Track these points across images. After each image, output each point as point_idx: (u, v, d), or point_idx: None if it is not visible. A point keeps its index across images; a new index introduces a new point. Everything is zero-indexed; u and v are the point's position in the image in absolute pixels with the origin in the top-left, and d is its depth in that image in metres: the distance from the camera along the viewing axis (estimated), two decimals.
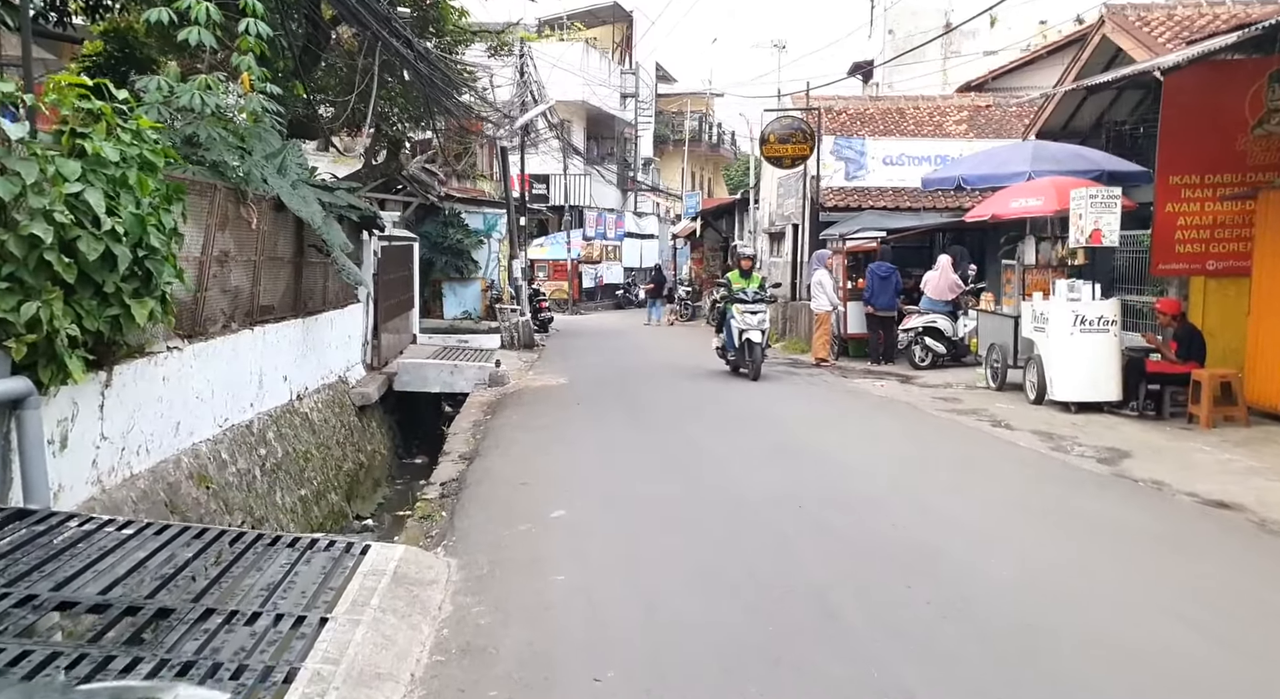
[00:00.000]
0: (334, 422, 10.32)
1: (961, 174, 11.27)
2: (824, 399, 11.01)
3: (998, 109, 19.45)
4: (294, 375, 9.24)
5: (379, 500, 10.85)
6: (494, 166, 25.12)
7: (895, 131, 18.28)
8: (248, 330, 7.84)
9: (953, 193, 16.63)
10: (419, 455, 13.11)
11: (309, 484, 8.74)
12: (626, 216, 37.79)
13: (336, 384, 11.00)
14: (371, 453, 11.37)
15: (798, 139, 16.27)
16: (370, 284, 13.25)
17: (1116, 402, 9.39)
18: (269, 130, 9.60)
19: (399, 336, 15.10)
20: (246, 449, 7.56)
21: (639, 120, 39.48)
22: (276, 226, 8.81)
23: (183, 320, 6.53)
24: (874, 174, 16.64)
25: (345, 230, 11.90)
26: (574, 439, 8.22)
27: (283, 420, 8.68)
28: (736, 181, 53.39)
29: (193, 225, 6.68)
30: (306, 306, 9.89)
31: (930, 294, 13.88)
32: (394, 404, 13.37)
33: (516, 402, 10.83)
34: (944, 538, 5.09)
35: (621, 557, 4.69)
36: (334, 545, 4.31)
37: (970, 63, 27.99)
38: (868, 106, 19.94)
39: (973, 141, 16.99)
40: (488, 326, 19.46)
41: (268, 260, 8.56)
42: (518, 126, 18.49)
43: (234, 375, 7.50)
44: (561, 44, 31.89)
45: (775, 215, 20.74)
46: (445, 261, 20.31)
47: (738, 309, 12.36)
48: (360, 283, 9.63)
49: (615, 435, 8.42)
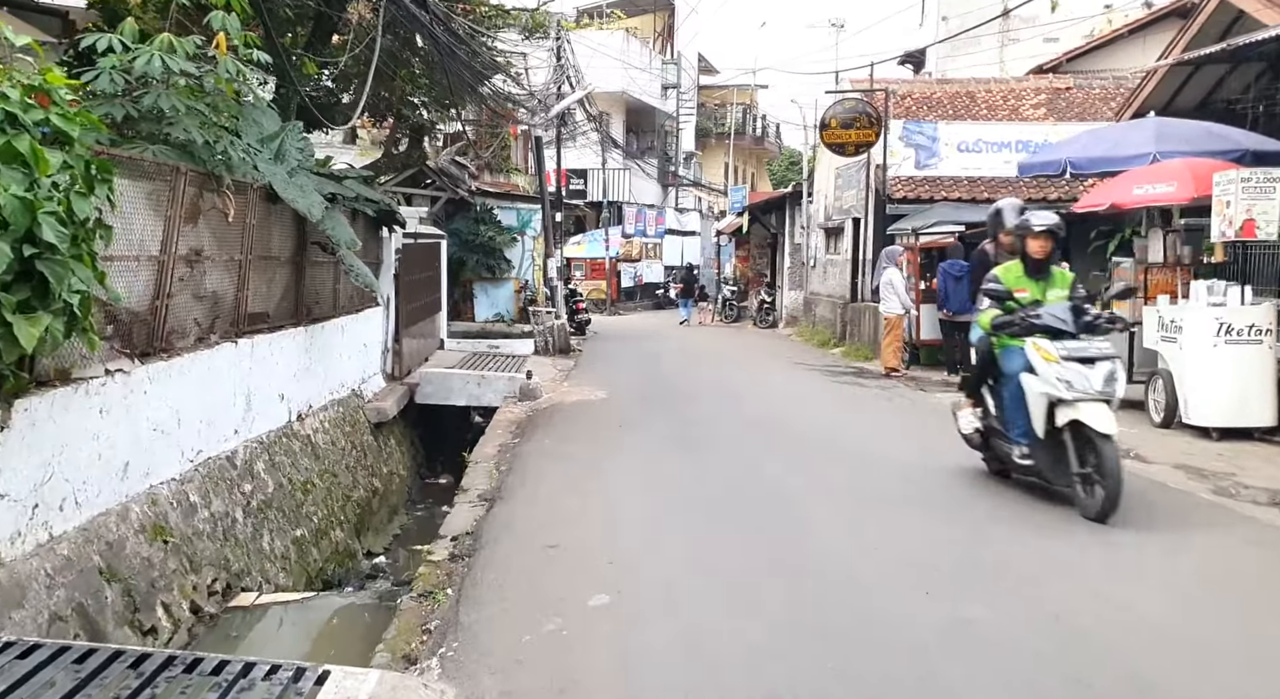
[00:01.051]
0: (343, 443, 9.06)
1: (1068, 157, 9.69)
2: (914, 422, 9.50)
3: (1079, 91, 17.72)
4: (293, 392, 7.98)
5: (395, 531, 9.58)
6: (528, 159, 23.86)
7: (965, 116, 16.65)
8: (230, 344, 6.58)
9: (1035, 182, 14.98)
10: (443, 475, 11.85)
11: (308, 521, 7.47)
12: (667, 213, 36.35)
13: (348, 399, 9.75)
14: (388, 476, 10.11)
15: (862, 124, 14.72)
16: (390, 286, 12.02)
17: (1270, 427, 7.78)
18: (265, 110, 8.37)
19: (424, 342, 13.86)
20: (226, 487, 6.30)
21: (680, 112, 38.00)
22: (270, 221, 7.56)
23: (134, 335, 5.27)
24: (947, 162, 15.04)
25: (361, 226, 10.66)
26: (617, 477, 6.73)
27: (277, 447, 7.42)
28: (779, 177, 51.71)
29: (149, 217, 5.43)
30: (311, 313, 8.64)
31: None
32: (416, 417, 12.12)
33: (549, 421, 9.47)
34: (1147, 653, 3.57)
35: (699, 686, 3.24)
36: (277, 673, 2.97)
37: (1030, 49, 26.24)
38: (934, 90, 18.31)
39: (1058, 125, 15.32)
40: (520, 330, 18.17)
41: (259, 260, 7.31)
42: (553, 114, 17.18)
43: (210, 398, 6.24)
44: (601, 33, 30.58)
45: (832, 209, 19.18)
46: (476, 260, 19.08)
47: (1044, 352, 5.63)
48: (371, 285, 8.36)
49: (669, 472, 6.89)
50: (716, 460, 7.20)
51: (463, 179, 17.99)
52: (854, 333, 16.61)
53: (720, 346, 18.18)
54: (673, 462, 7.21)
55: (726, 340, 18.83)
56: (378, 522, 9.26)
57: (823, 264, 20.38)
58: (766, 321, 23.57)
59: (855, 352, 15.97)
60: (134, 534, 5.01)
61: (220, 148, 5.87)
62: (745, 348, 18.57)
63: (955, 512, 5.72)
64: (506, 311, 19.87)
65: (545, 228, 17.67)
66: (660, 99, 35.96)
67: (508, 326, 19.24)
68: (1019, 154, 14.96)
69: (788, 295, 23.68)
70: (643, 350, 17.16)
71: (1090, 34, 26.16)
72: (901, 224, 14.26)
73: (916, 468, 6.94)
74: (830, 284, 19.20)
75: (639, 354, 16.52)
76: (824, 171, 20.24)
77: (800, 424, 8.92)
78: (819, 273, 20.45)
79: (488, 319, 19.73)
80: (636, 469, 6.92)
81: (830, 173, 19.31)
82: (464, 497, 6.45)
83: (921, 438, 8.17)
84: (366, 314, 10.82)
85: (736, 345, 18.94)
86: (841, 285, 18.56)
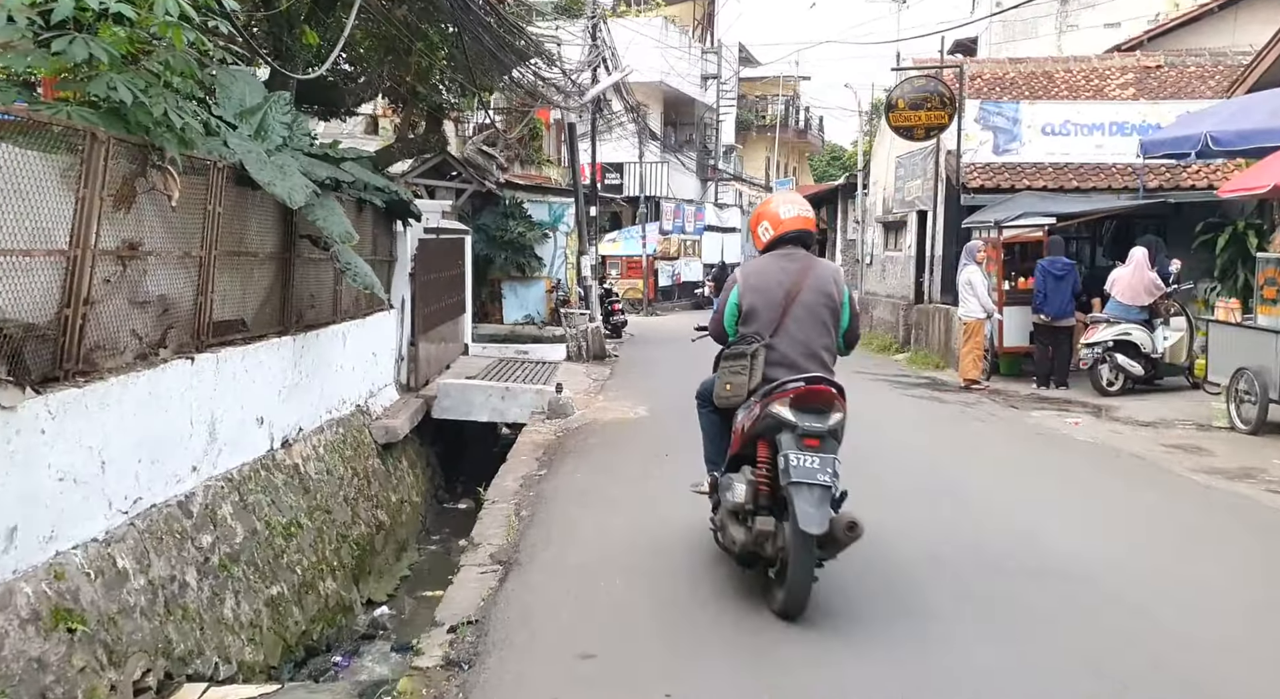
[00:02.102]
0: (342, 471, 7.76)
1: (1209, 131, 8.08)
2: (1020, 450, 7.94)
3: (1172, 69, 15.94)
4: (277, 415, 6.68)
5: (404, 572, 8.25)
6: (561, 151, 22.53)
7: (1045, 97, 14.97)
8: (184, 361, 5.27)
9: (1130, 169, 13.30)
10: (463, 498, 10.52)
11: (289, 574, 6.16)
12: (707, 208, 34.80)
13: (351, 418, 8.45)
14: (397, 505, 8.80)
15: (933, 104, 13.14)
16: (406, 286, 10.73)
17: None
18: (248, 79, 7.10)
19: (445, 348, 12.56)
20: (174, 542, 4.99)
21: (721, 104, 36.43)
22: (246, 209, 6.25)
23: (28, 356, 3.95)
24: (1030, 147, 13.39)
25: (369, 219, 9.36)
26: (670, 537, 5.26)
27: (252, 483, 6.11)
28: (820, 172, 49.88)
29: (56, 196, 4.12)
30: (303, 319, 7.34)
31: (1120, 297, 10.65)
32: (434, 432, 10.82)
33: (582, 446, 8.08)
34: None
35: None
36: None
37: (1089, 37, 24.46)
38: (1006, 70, 16.61)
39: (1157, 105, 13.60)
40: (552, 335, 16.82)
41: (229, 257, 6.00)
42: (588, 99, 15.80)
43: (155, 430, 4.93)
44: (639, 20, 29.16)
45: (892, 201, 17.58)
46: (504, 258, 17.75)
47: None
48: (372, 287, 7.03)
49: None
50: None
51: (490, 170, 16.67)
52: (921, 338, 15.04)
53: None
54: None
55: None
56: (382, 562, 7.94)
57: (880, 262, 18.79)
58: None
59: (923, 359, 14.39)
60: (19, 626, 3.70)
61: (159, 111, 4.53)
62: None
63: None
64: (537, 313, 18.54)
65: (579, 223, 16.31)
66: (700, 90, 34.44)
67: (538, 330, 17.90)
68: (1112, 137, 13.31)
69: None
70: (684, 356, 15.66)
71: (1156, 18, 24.33)
72: (980, 216, 12.67)
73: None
74: (890, 283, 17.62)
75: (680, 360, 15.01)
76: (881, 161, 18.64)
77: (888, 458, 7.19)
78: (876, 271, 18.87)
79: (517, 321, 18.42)
80: (695, 521, 5.49)
81: (889, 162, 17.72)
82: (473, 556, 5.07)
83: (1082, 492, 6.48)
84: (376, 319, 9.52)
85: None
86: (903, 285, 16.97)
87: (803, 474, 3.84)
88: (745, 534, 4.13)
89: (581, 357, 14.60)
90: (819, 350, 4.30)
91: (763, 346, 4.27)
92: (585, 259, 16.14)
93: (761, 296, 4.35)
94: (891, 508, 5.57)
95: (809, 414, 4.02)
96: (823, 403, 4.07)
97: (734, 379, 4.29)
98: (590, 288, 15.91)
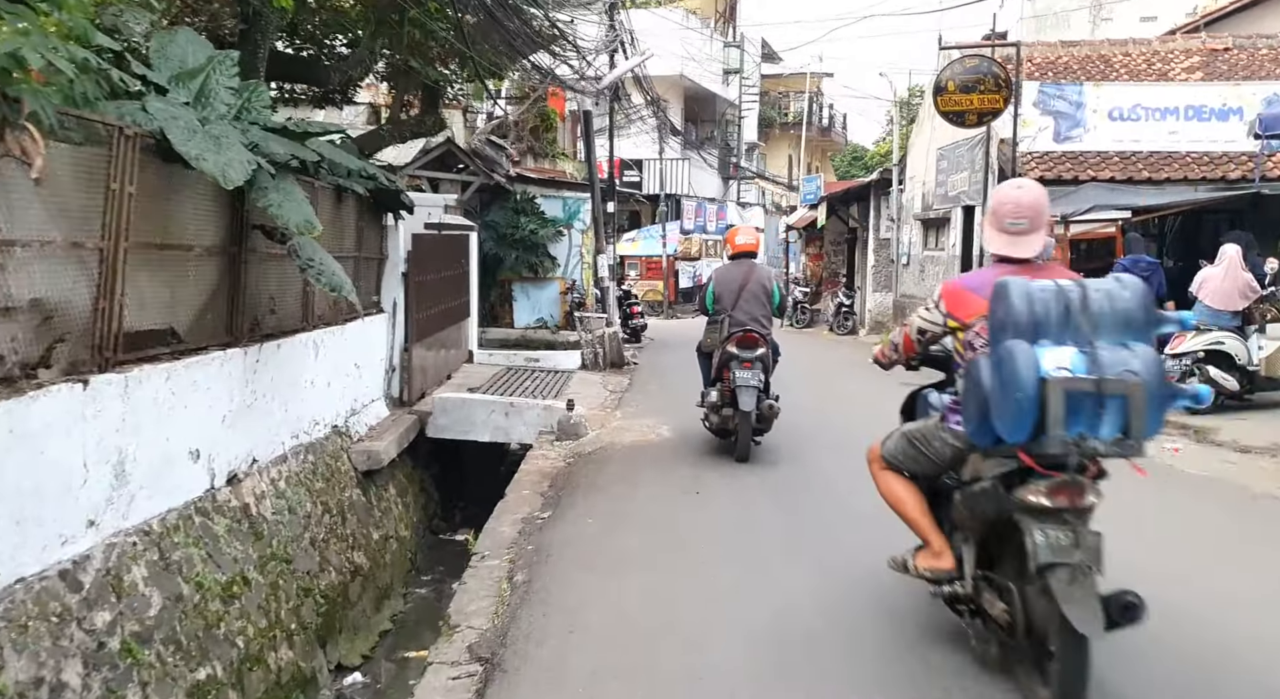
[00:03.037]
0: (309, 507, 6.52)
1: None
2: (1129, 491, 6.50)
3: (1242, 52, 14.50)
4: (220, 445, 5.45)
5: (384, 625, 6.99)
6: (576, 145, 21.28)
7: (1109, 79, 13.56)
8: (72, 385, 4.04)
9: (1210, 160, 11.89)
10: (462, 528, 9.28)
11: (227, 646, 4.91)
12: (729, 207, 33.50)
13: (325, 442, 7.22)
14: (380, 543, 7.55)
15: (987, 87, 11.76)
16: (398, 288, 9.51)
17: None
18: (192, 38, 5.88)
19: (445, 355, 11.33)
20: (49, 629, 3.75)
21: (743, 100, 35.09)
22: (174, 190, 5.03)
23: None
24: (1095, 133, 11.97)
25: (352, 211, 8.14)
26: (703, 610, 4.04)
27: (179, 534, 4.87)
28: (842, 171, 48.36)
29: None
30: (259, 327, 6.11)
31: (1210, 301, 9.25)
32: (429, 453, 9.58)
33: (595, 478, 6.78)
34: None
35: None
36: None
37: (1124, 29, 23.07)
38: (1059, 54, 15.21)
39: (1239, 87, 12.17)
40: (565, 340, 15.56)
41: (147, 249, 4.77)
42: (605, 84, 14.52)
43: (23, 478, 3.70)
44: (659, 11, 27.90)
45: (932, 197, 16.18)
46: (515, 257, 16.49)
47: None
48: (339, 288, 5.78)
49: (805, 628, 3.84)
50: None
51: (500, 162, 15.44)
52: None
53: (801, 358, 15.35)
54: (801, 585, 4.42)
55: (804, 350, 15.94)
56: (357, 616, 6.69)
57: (919, 262, 17.40)
58: (845, 327, 20.60)
59: None
60: None
61: (11, 46, 3.30)
62: (829, 360, 15.71)
63: None
64: (551, 316, 17.28)
65: (595, 219, 15.02)
66: (721, 85, 33.13)
67: (551, 334, 16.64)
68: (1187, 122, 11.91)
69: (871, 297, 20.70)
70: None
71: (1194, 10, 22.97)
72: None
73: None
74: (930, 286, 16.20)
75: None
76: (920, 153, 17.26)
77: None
78: (914, 272, 17.49)
79: (529, 325, 17.17)
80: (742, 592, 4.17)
81: (929, 154, 16.33)
82: (444, 648, 3.80)
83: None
84: (360, 325, 8.30)
85: (818, 357, 16.08)
86: None
87: (742, 381, 6.80)
88: (718, 418, 7.16)
89: (598, 364, 13.33)
90: (759, 316, 7.20)
91: (727, 316, 7.18)
92: (603, 258, 14.87)
93: (725, 287, 7.32)
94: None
95: (745, 348, 6.98)
96: (752, 343, 7.02)
97: (712, 334, 7.28)
98: (608, 289, 14.64)
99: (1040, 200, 3.43)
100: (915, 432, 3.67)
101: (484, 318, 16.22)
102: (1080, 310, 2.99)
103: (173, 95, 5.24)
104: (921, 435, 3.62)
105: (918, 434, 3.64)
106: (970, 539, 3.43)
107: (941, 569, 3.51)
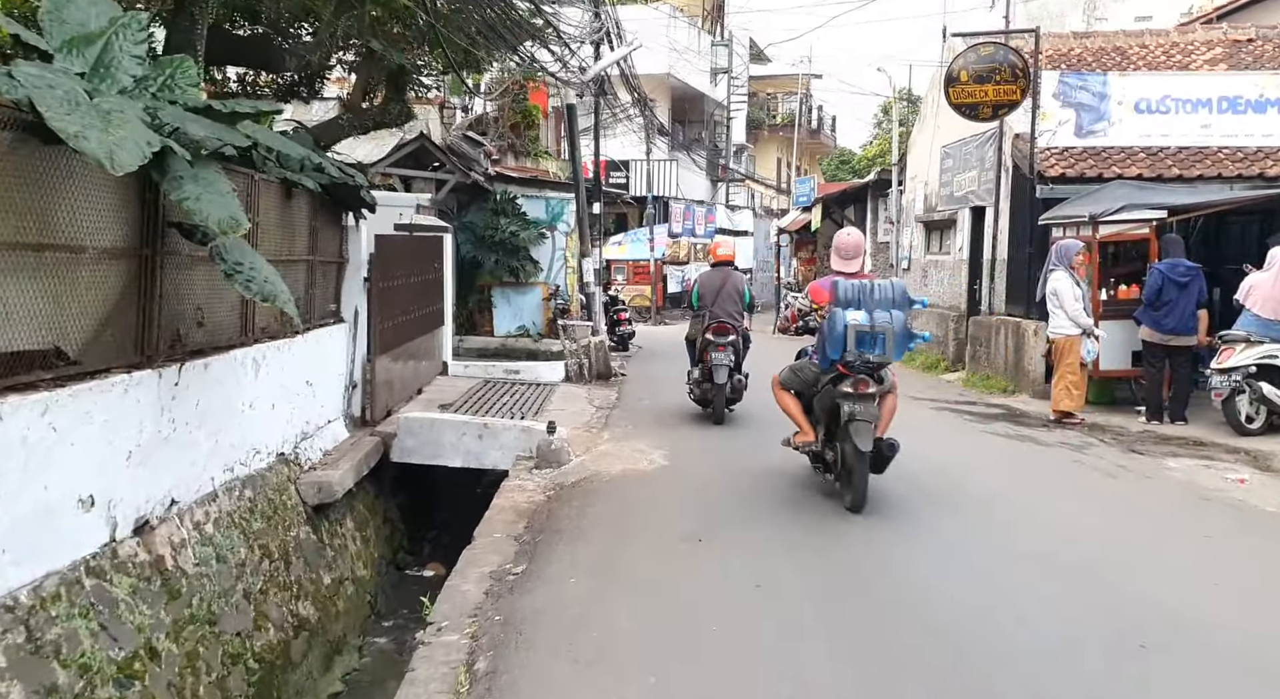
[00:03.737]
0: (243, 553, 5.56)
1: None
2: (1198, 535, 5.60)
3: (1266, 42, 13.77)
4: (125, 488, 4.49)
5: (336, 686, 6.01)
6: (560, 144, 20.35)
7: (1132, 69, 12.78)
8: None
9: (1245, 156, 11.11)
10: (431, 562, 8.32)
11: None
12: (718, 210, 32.63)
13: (267, 474, 6.26)
14: (332, 588, 6.59)
15: (1003, 77, 10.92)
16: (360, 295, 8.56)
17: None
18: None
19: (416, 368, 10.38)
20: None
21: (732, 100, 34.28)
22: (56, 177, 4.07)
23: None
24: (1120, 127, 11.14)
25: (304, 208, 7.18)
26: None
27: (60, 605, 3.91)
28: (830, 175, 47.65)
29: None
30: (181, 343, 5.16)
31: (1260, 310, 8.45)
32: (395, 479, 8.60)
33: (579, 520, 5.83)
34: None
35: None
36: None
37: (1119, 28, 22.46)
38: (1072, 45, 14.41)
39: (1276, 75, 11.39)
40: (548, 350, 14.64)
41: (20, 252, 3.82)
42: (591, 76, 13.61)
43: None
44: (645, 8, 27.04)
45: (936, 197, 15.35)
46: (495, 261, 15.53)
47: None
48: (273, 298, 4.84)
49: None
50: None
51: (478, 160, 14.50)
52: (980, 355, 12.79)
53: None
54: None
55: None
56: (301, 679, 5.72)
57: (921, 267, 16.58)
58: None
59: (984, 381, 12.16)
60: None
61: None
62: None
63: None
64: (533, 324, 16.34)
65: (580, 220, 14.10)
66: (709, 85, 32.30)
67: (534, 343, 15.71)
68: (1221, 115, 11.12)
69: None
70: None
71: (1189, 10, 22.40)
72: (1062, 211, 10.44)
73: None
74: (934, 291, 15.40)
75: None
76: (922, 152, 16.44)
77: (1016, 568, 4.99)
78: (915, 277, 16.66)
79: (509, 333, 16.22)
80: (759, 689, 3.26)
81: (933, 152, 15.52)
82: None
83: None
84: (313, 337, 7.35)
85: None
86: (953, 293, 14.75)
87: (715, 361, 8.81)
88: (699, 391, 9.22)
89: (583, 376, 12.40)
90: (733, 312, 9.07)
91: (708, 311, 9.08)
92: (588, 262, 13.96)
93: (707, 288, 9.24)
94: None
95: (719, 335, 8.86)
96: (724, 331, 8.91)
97: (695, 325, 9.34)
98: (593, 295, 13.72)
99: (859, 242, 6.46)
100: (797, 366, 6.55)
101: (461, 326, 15.27)
102: (869, 295, 5.79)
103: (60, 62, 4.30)
104: (800, 367, 6.48)
105: (798, 367, 6.52)
106: (821, 422, 6.18)
107: (808, 441, 6.29)
